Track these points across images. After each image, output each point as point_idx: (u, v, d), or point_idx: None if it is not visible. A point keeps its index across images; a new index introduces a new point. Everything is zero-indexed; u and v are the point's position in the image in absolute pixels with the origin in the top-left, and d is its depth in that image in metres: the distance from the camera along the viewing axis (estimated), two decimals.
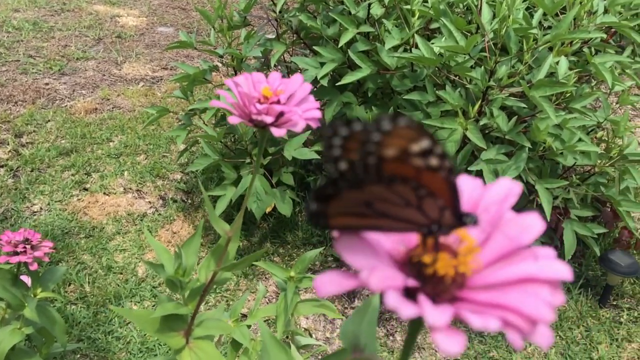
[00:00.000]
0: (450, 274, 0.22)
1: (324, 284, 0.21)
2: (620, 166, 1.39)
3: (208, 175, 1.82)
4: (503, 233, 0.24)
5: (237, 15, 1.51)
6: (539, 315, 0.20)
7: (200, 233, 0.58)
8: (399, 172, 0.23)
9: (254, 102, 0.41)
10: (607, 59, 1.40)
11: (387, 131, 0.23)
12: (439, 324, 0.20)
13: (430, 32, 1.55)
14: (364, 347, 0.30)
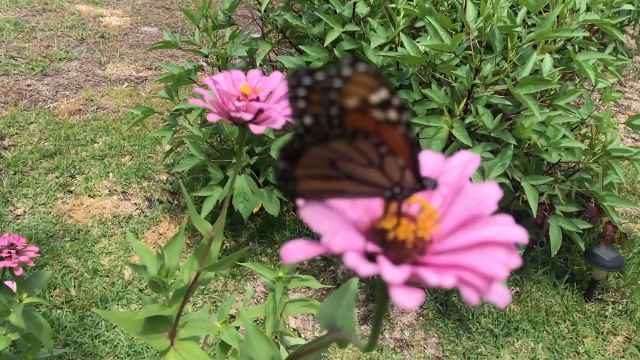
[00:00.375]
0: (410, 239, 0.23)
1: (291, 252, 0.22)
2: (603, 162, 1.41)
3: (194, 176, 1.81)
4: (463, 202, 0.25)
5: (222, 14, 1.50)
6: (493, 273, 0.21)
7: (183, 233, 0.57)
8: (360, 125, 0.24)
9: (233, 100, 0.40)
10: (590, 57, 1.41)
11: (347, 77, 0.23)
12: (396, 281, 0.21)
13: (416, 31, 1.55)
14: (341, 328, 0.31)
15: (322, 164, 0.25)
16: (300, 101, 0.25)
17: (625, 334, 1.46)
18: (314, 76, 0.24)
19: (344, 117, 0.24)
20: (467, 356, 1.38)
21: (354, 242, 0.22)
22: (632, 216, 1.87)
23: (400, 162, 0.25)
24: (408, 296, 0.21)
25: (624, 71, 2.80)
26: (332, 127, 0.24)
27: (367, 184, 0.25)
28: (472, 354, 1.38)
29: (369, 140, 0.24)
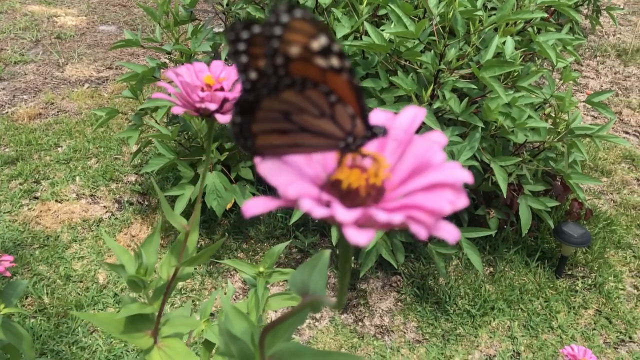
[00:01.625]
0: (363, 186, 0.24)
1: (251, 207, 0.23)
2: (567, 140, 1.44)
3: (164, 175, 1.79)
4: (412, 152, 0.27)
5: (183, 10, 1.47)
6: (438, 208, 0.22)
7: (159, 231, 0.57)
8: (307, 74, 0.24)
9: (197, 91, 0.40)
10: (549, 37, 1.44)
11: (286, 24, 0.23)
12: (348, 220, 0.22)
13: (379, 19, 1.56)
14: (312, 293, 0.32)
15: (276, 117, 0.25)
16: (242, 56, 0.24)
17: (596, 306, 1.51)
18: (252, 29, 0.24)
19: (289, 66, 0.24)
20: (447, 338, 1.40)
21: (308, 190, 0.23)
22: (596, 192, 1.92)
23: (350, 111, 0.25)
24: (359, 234, 0.22)
25: (580, 50, 2.87)
26: (279, 78, 0.24)
27: (322, 135, 0.26)
28: (451, 335, 1.41)
29: (318, 89, 0.24)
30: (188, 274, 0.53)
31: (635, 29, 3.11)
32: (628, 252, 1.68)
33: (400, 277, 1.55)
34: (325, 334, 1.40)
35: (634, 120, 2.35)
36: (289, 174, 0.24)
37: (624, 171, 2.04)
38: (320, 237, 1.64)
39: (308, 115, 0.25)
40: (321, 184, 0.26)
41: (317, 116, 0.25)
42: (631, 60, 2.81)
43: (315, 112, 0.25)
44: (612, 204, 1.87)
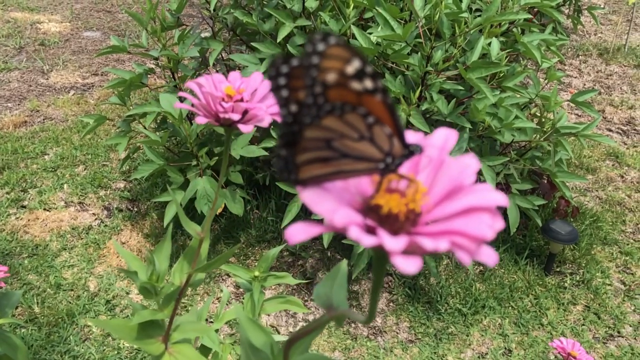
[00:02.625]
0: (402, 212, 0.25)
1: (294, 234, 0.23)
2: (553, 139, 1.46)
3: (153, 181, 1.78)
4: (446, 175, 0.27)
5: (170, 15, 1.47)
6: (482, 234, 0.22)
7: (169, 238, 0.57)
8: (344, 99, 0.25)
9: (219, 102, 0.41)
10: (534, 38, 1.46)
11: (322, 52, 0.24)
12: (396, 249, 0.22)
13: (365, 22, 1.57)
14: (337, 306, 0.32)
15: (319, 145, 0.26)
16: (283, 90, 0.25)
17: (584, 302, 1.53)
18: (291, 62, 0.25)
19: (327, 93, 0.24)
20: (439, 337, 1.41)
21: (353, 217, 0.23)
22: (582, 189, 1.95)
23: (387, 130, 0.26)
24: (408, 262, 0.22)
25: (563, 49, 2.91)
26: (319, 106, 0.25)
27: (362, 159, 0.26)
28: (443, 335, 1.42)
29: (357, 112, 0.25)
30: (200, 280, 0.53)
31: (615, 28, 3.16)
32: (614, 248, 1.71)
33: (391, 278, 1.56)
34: (318, 337, 1.40)
35: (617, 118, 2.38)
36: (331, 201, 0.25)
37: (608, 168, 2.07)
38: (311, 240, 1.64)
39: (348, 140, 0.26)
40: (358, 207, 0.26)
41: (357, 140, 0.26)
42: (612, 58, 2.85)
43: (355, 135, 0.26)
44: (598, 201, 1.90)
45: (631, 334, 1.45)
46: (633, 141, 2.24)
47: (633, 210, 1.86)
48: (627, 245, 1.71)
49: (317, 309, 1.47)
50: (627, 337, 1.44)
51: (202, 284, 1.50)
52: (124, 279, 1.50)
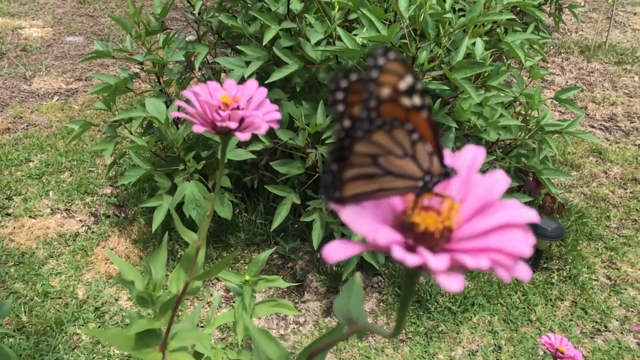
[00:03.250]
0: (439, 229, 0.25)
1: (333, 253, 0.24)
2: (538, 137, 1.48)
3: (140, 187, 1.77)
4: (476, 191, 0.27)
5: (154, 20, 1.47)
6: (520, 251, 0.23)
7: (165, 246, 0.57)
8: (393, 114, 0.25)
9: (216, 110, 0.41)
10: (517, 37, 1.48)
11: (382, 66, 0.24)
12: (440, 268, 0.23)
13: (350, 23, 1.58)
14: (356, 320, 0.33)
15: (366, 161, 0.26)
16: (339, 104, 0.26)
17: (571, 298, 1.55)
18: (350, 77, 0.26)
19: (380, 108, 0.25)
20: (429, 335, 1.42)
21: (395, 237, 0.23)
22: (567, 186, 1.98)
23: (428, 148, 0.26)
24: (452, 281, 0.23)
25: (545, 47, 2.94)
26: (372, 120, 0.25)
27: (404, 176, 0.27)
28: (433, 333, 1.43)
29: (404, 128, 0.25)
30: (197, 288, 0.53)
31: (596, 25, 3.21)
32: (599, 243, 1.73)
33: (381, 278, 1.56)
34: (310, 338, 1.40)
35: (599, 115, 2.42)
36: (368, 220, 0.25)
37: (592, 164, 2.10)
38: (300, 242, 1.64)
39: (393, 157, 0.26)
40: (392, 224, 0.26)
41: (401, 156, 0.26)
42: (594, 56, 2.89)
43: (400, 152, 0.26)
44: (583, 197, 1.92)
45: (618, 328, 1.47)
46: (615, 137, 2.27)
47: (617, 206, 1.89)
48: (612, 240, 1.74)
49: (308, 311, 1.48)
50: (613, 331, 1.46)
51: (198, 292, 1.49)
52: (112, 286, 1.49)
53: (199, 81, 1.65)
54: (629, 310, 1.52)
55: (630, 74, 2.73)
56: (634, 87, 2.62)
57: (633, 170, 2.05)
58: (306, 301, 1.50)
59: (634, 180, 2.01)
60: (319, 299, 1.51)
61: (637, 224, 1.81)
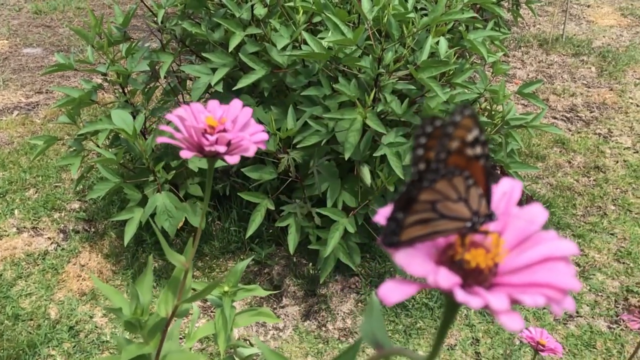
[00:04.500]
0: (489, 266, 0.26)
1: (389, 294, 0.24)
2: (504, 132, 1.51)
3: (109, 200, 1.74)
4: (515, 224, 0.28)
5: (116, 30, 1.44)
6: (571, 286, 0.24)
7: (150, 269, 0.56)
8: (457, 163, 0.27)
9: (202, 134, 0.40)
10: (479, 35, 1.51)
11: (457, 122, 0.26)
12: (502, 308, 0.23)
13: (314, 26, 1.58)
14: (383, 343, 0.34)
15: (427, 208, 0.27)
16: (420, 149, 0.27)
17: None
18: (435, 123, 0.27)
19: (447, 159, 0.26)
20: (408, 332, 1.44)
21: (454, 279, 0.24)
22: (534, 177, 2.02)
23: (480, 192, 0.27)
24: (513, 320, 0.23)
25: (505, 42, 3.00)
26: (438, 171, 0.26)
27: (455, 219, 0.27)
28: (412, 330, 1.44)
29: (462, 175, 0.27)
30: (186, 310, 0.53)
31: (552, 19, 3.29)
32: (567, 231, 1.78)
33: (358, 278, 1.57)
34: (290, 343, 1.40)
35: (560, 106, 2.48)
36: (421, 260, 0.26)
37: (556, 155, 2.15)
38: (276, 247, 1.64)
39: (450, 202, 0.27)
40: (437, 260, 0.27)
41: (456, 201, 0.27)
42: (552, 49, 2.96)
43: (455, 197, 0.27)
44: (549, 187, 1.97)
45: (589, 313, 1.51)
46: (577, 127, 2.33)
47: (582, 194, 1.94)
48: (579, 228, 1.79)
49: (287, 315, 1.47)
50: (585, 316, 1.50)
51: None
52: (86, 303, 1.46)
53: (165, 90, 1.64)
54: (598, 295, 1.57)
55: (587, 65, 2.81)
56: (592, 77, 2.70)
57: (595, 159, 2.11)
58: (285, 306, 1.50)
59: (597, 168, 2.07)
60: (297, 303, 1.51)
61: (602, 211, 1.86)
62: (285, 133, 1.32)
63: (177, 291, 0.52)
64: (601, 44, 3.01)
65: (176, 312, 0.52)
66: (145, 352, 0.51)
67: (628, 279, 1.61)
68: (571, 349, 1.41)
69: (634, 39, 3.05)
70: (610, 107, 2.46)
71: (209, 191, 0.46)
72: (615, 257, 1.68)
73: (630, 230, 1.77)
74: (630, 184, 1.98)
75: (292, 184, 1.48)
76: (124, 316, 0.51)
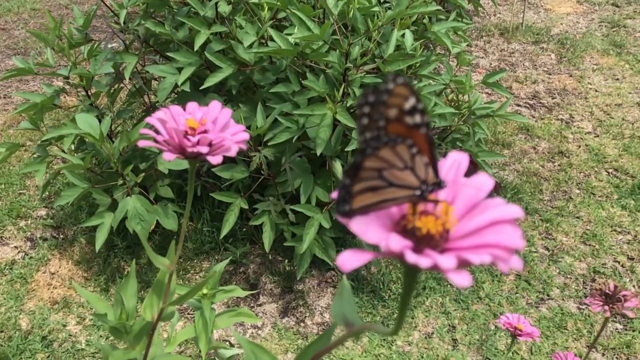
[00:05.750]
0: (439, 231, 0.28)
1: (346, 261, 0.25)
2: (471, 121, 1.54)
3: (77, 205, 1.70)
4: (464, 193, 0.30)
5: (77, 32, 1.41)
6: (516, 245, 0.25)
7: (134, 274, 0.55)
8: (398, 131, 0.28)
9: (184, 135, 0.40)
10: (443, 26, 1.52)
11: (391, 90, 0.27)
12: (450, 267, 0.25)
13: (279, 22, 1.57)
14: (353, 322, 0.35)
15: (373, 175, 0.28)
16: (364, 118, 0.28)
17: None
18: (376, 93, 0.28)
19: (387, 127, 0.28)
20: (386, 323, 1.45)
21: (406, 242, 0.26)
22: (501, 164, 2.06)
23: (425, 160, 0.29)
24: (461, 277, 0.25)
25: (467, 32, 3.04)
26: (380, 138, 0.28)
27: (404, 187, 0.29)
28: (389, 321, 1.46)
29: (405, 143, 0.28)
30: (172, 312, 0.52)
31: (512, 7, 3.35)
32: (535, 216, 1.82)
33: (334, 272, 1.58)
34: (269, 341, 1.40)
35: (523, 93, 2.53)
36: (376, 228, 0.27)
37: (521, 142, 2.20)
38: (250, 246, 1.63)
39: (396, 169, 0.28)
40: (394, 230, 0.29)
41: (402, 169, 0.28)
42: (512, 37, 3.02)
43: (401, 165, 0.28)
44: (516, 174, 2.01)
45: (559, 295, 1.55)
46: (540, 114, 2.39)
47: (547, 179, 1.99)
48: (546, 212, 1.83)
49: (265, 313, 1.47)
50: (555, 298, 1.55)
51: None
52: (58, 312, 1.43)
53: (130, 91, 1.60)
54: (567, 277, 1.61)
55: (547, 52, 2.87)
56: (552, 64, 2.76)
57: (558, 144, 2.17)
58: (262, 304, 1.50)
59: (561, 153, 2.12)
60: (274, 300, 1.51)
61: (567, 195, 1.92)
62: (255, 131, 1.32)
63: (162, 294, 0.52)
64: (559, 31, 3.08)
65: (162, 316, 0.51)
66: (132, 357, 0.51)
67: (594, 260, 1.66)
68: (544, 331, 1.45)
69: (590, 26, 3.13)
70: (570, 92, 2.52)
71: (191, 191, 0.46)
72: (581, 239, 1.73)
73: (595, 212, 1.83)
74: (592, 168, 2.04)
75: (265, 182, 1.47)
76: (110, 322, 0.50)
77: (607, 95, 2.49)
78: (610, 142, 2.18)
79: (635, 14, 3.26)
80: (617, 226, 1.78)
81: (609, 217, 1.81)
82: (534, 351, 1.40)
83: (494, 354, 1.39)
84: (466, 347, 1.40)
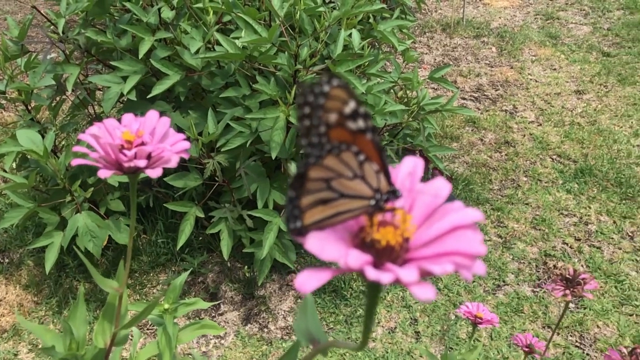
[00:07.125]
0: (399, 242, 0.26)
1: (305, 282, 0.24)
2: (420, 117, 1.56)
3: (22, 226, 1.63)
4: (421, 199, 0.29)
5: (12, 44, 1.34)
6: (478, 251, 0.24)
7: (82, 300, 0.53)
8: (341, 138, 0.26)
9: (120, 150, 0.38)
10: (388, 25, 1.54)
11: (327, 93, 0.25)
12: (412, 280, 0.23)
13: (224, 25, 1.55)
14: (318, 338, 0.34)
15: (320, 186, 0.27)
16: (306, 120, 0.26)
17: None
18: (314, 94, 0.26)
19: (329, 133, 0.26)
20: (349, 322, 1.46)
21: (365, 258, 0.24)
22: (451, 157, 2.11)
23: (375, 167, 0.27)
24: (425, 290, 0.23)
25: (411, 29, 3.10)
26: (322, 146, 0.26)
27: (356, 197, 0.27)
28: (353, 319, 1.47)
29: (350, 150, 0.26)
30: (125, 337, 0.50)
31: (452, 3, 3.43)
32: (487, 205, 1.87)
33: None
34: (233, 350, 1.38)
35: (468, 86, 2.60)
36: (332, 245, 0.25)
37: (469, 134, 2.25)
38: (208, 255, 1.61)
39: (344, 179, 0.27)
40: (354, 244, 0.27)
41: (351, 178, 0.27)
42: (454, 32, 3.09)
43: (350, 174, 0.27)
44: (466, 166, 2.06)
45: (514, 281, 1.60)
46: (484, 106, 2.45)
47: (496, 169, 2.05)
48: (497, 201, 1.89)
49: (227, 322, 1.45)
50: (511, 284, 1.59)
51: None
52: (8, 340, 1.36)
53: (73, 103, 1.55)
54: (520, 262, 1.66)
55: (488, 45, 2.95)
56: (493, 57, 2.84)
57: (504, 135, 2.23)
58: (223, 313, 1.48)
59: (506, 143, 2.19)
60: (236, 308, 1.49)
61: (515, 183, 1.98)
62: (207, 137, 1.30)
63: (113, 319, 0.50)
64: (498, 24, 3.18)
65: (115, 341, 0.49)
66: None
67: (545, 244, 1.72)
68: (502, 316, 1.49)
69: (527, 19, 3.25)
70: (512, 84, 2.60)
71: (134, 208, 0.44)
72: (531, 225, 1.79)
73: (542, 198, 1.89)
74: (537, 155, 2.11)
75: (220, 189, 1.45)
76: (59, 354, 0.48)
77: (547, 85, 2.59)
78: (552, 129, 2.26)
79: (567, 6, 3.40)
80: (564, 210, 1.85)
81: (556, 202, 1.88)
82: (494, 337, 1.43)
83: (455, 343, 1.41)
84: (429, 338, 1.43)
